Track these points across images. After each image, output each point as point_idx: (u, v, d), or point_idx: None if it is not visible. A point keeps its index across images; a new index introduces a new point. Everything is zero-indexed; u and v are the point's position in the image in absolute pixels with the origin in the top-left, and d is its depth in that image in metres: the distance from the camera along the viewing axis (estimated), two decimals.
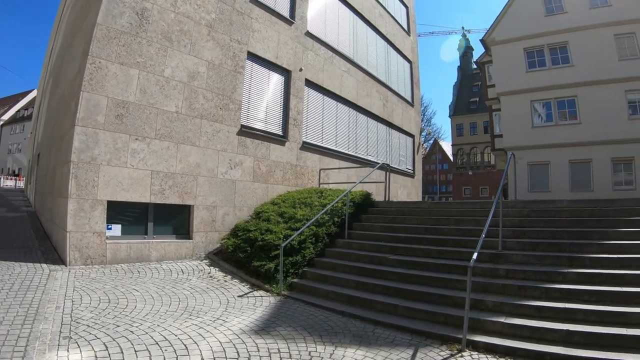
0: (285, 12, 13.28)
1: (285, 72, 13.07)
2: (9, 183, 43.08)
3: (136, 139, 8.75)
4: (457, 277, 6.67)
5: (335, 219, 9.87)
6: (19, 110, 74.48)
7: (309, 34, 14.12)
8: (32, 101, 62.44)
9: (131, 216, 9.01)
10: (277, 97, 12.80)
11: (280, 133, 12.71)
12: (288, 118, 12.89)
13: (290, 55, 13.16)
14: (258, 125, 11.99)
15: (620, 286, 5.73)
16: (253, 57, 11.93)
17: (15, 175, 50.87)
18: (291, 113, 12.98)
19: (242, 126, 11.32)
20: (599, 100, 20.60)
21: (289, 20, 13.27)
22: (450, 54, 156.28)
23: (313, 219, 8.96)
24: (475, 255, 5.36)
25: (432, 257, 7.83)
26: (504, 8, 24.81)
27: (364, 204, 11.34)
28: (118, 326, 5.19)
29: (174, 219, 9.80)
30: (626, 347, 4.71)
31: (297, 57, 13.42)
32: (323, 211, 9.41)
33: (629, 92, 20.35)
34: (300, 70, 13.48)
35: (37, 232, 10.82)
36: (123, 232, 8.76)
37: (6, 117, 76.16)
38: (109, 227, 8.38)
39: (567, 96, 21.95)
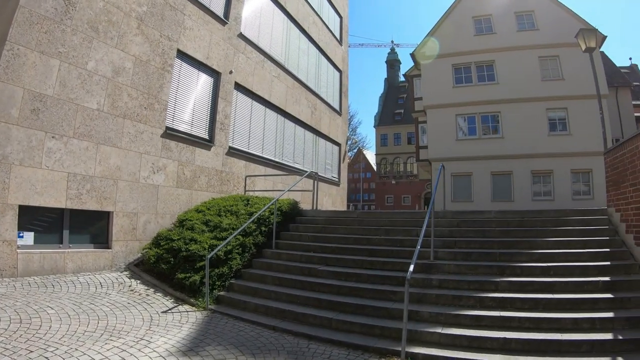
0: (219, 11, 13.14)
1: (215, 74, 12.91)
2: None
3: (53, 137, 8.15)
4: (391, 288, 6.89)
5: (263, 229, 9.85)
6: None
7: (242, 36, 14.06)
8: None
9: (45, 223, 8.34)
10: (205, 99, 12.59)
11: (207, 137, 12.50)
12: (215, 122, 12.71)
13: (221, 57, 13.01)
14: (184, 128, 11.72)
15: (552, 293, 6.20)
16: (183, 55, 11.68)
17: None
18: (218, 117, 12.82)
19: (167, 128, 11.01)
20: (521, 117, 22.56)
21: (223, 20, 13.14)
22: (378, 65, 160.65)
23: (240, 229, 8.92)
24: (411, 268, 5.52)
25: (365, 268, 8.02)
26: (435, 24, 26.46)
27: (291, 213, 11.40)
28: (31, 352, 4.80)
29: (92, 227, 9.27)
30: (562, 352, 5.12)
31: (228, 59, 13.30)
32: (250, 220, 9.37)
33: (550, 110, 22.51)
34: (231, 72, 13.37)
35: None
36: (36, 240, 8.06)
37: None
38: (21, 235, 7.70)
39: (491, 112, 23.87)
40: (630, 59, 73.95)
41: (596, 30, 12.94)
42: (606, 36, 21.45)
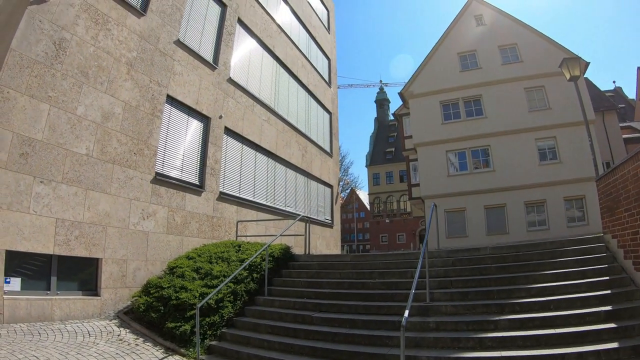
0: (208, 56, 13.50)
1: (205, 119, 13.14)
2: None
3: (41, 181, 8.20)
4: (387, 334, 6.83)
5: (255, 275, 9.82)
6: None
7: (231, 81, 14.40)
8: None
9: (32, 269, 8.28)
10: (195, 144, 12.75)
11: (197, 182, 12.59)
12: (205, 167, 12.82)
13: (210, 102, 13.27)
14: (174, 174, 11.82)
15: (553, 328, 6.13)
16: (172, 101, 11.91)
17: None
18: (209, 162, 12.94)
19: (157, 174, 11.10)
20: (511, 149, 23.09)
21: (212, 66, 13.48)
22: (367, 106, 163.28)
23: (231, 276, 8.85)
24: (407, 313, 5.44)
25: (360, 313, 7.96)
26: (421, 63, 27.44)
27: (284, 258, 11.37)
28: None
29: (80, 273, 9.18)
30: None
31: (217, 104, 13.56)
32: (242, 267, 9.31)
33: (539, 140, 22.99)
34: (220, 117, 13.60)
35: None
36: (23, 286, 7.98)
37: None
38: (7, 280, 7.64)
39: (481, 146, 24.32)
40: (614, 82, 76.12)
41: (579, 59, 13.27)
42: (589, 62, 22.20)
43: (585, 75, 23.64)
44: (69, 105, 8.92)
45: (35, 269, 8.32)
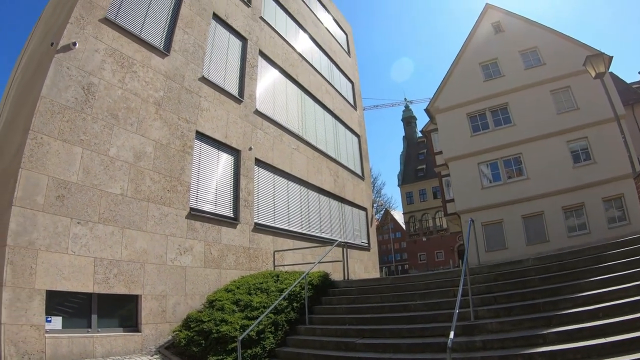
0: (234, 90, 13.71)
1: (235, 152, 13.26)
2: None
3: (78, 222, 8.37)
4: (433, 356, 6.60)
5: (295, 304, 9.68)
6: None
7: (258, 113, 14.57)
8: None
9: (73, 307, 8.38)
10: (227, 177, 12.85)
11: (232, 215, 12.63)
12: (239, 199, 12.88)
13: (239, 135, 13.41)
14: (208, 208, 11.90)
15: (605, 337, 5.76)
16: (202, 136, 12.08)
17: None
18: (242, 194, 13.00)
19: (192, 209, 11.20)
20: (543, 154, 22.43)
21: (238, 99, 13.68)
22: (395, 125, 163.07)
23: (271, 307, 8.81)
24: (452, 333, 5.28)
25: (403, 337, 7.73)
26: (444, 78, 27.22)
27: (323, 286, 11.23)
28: None
29: (120, 310, 9.26)
30: None
31: (246, 136, 13.69)
32: (281, 297, 9.26)
33: (571, 142, 22.32)
34: (250, 149, 13.72)
35: None
36: (64, 325, 8.07)
37: None
38: (49, 319, 7.72)
39: (513, 154, 23.73)
40: None
41: (602, 54, 12.85)
42: (612, 56, 21.39)
43: (610, 70, 23.05)
44: (101, 147, 9.15)
45: (75, 308, 8.41)
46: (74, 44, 9.10)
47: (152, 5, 11.82)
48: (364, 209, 22.53)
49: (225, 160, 12.92)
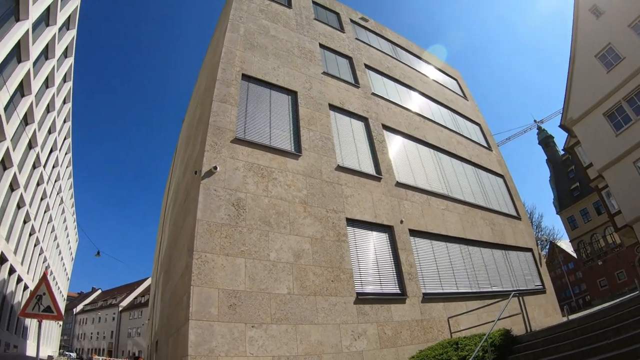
0: (370, 170, 13.80)
1: (387, 228, 13.09)
2: None
3: (252, 326, 8.73)
4: None
5: None
6: (135, 297, 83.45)
7: (399, 184, 14.41)
8: (147, 289, 70.76)
9: None
10: (385, 255, 12.62)
11: (398, 291, 12.25)
12: (402, 273, 12.50)
13: (387, 211, 13.28)
14: (374, 289, 11.68)
15: None
16: (352, 222, 12.13)
17: (136, 358, 52.91)
18: (403, 267, 12.63)
19: (358, 294, 11.05)
20: None
21: (377, 177, 13.69)
22: (533, 151, 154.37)
23: None
24: None
25: None
26: (566, 86, 24.91)
27: (505, 344, 10.16)
28: None
29: None
30: None
31: (394, 210, 13.51)
32: None
33: None
34: (401, 222, 13.45)
35: None
36: None
37: (124, 303, 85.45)
38: None
39: None
40: None
41: None
42: None
43: None
44: (262, 254, 9.61)
45: None
46: (215, 168, 10.03)
47: (273, 116, 12.66)
48: (529, 249, 20.83)
49: (380, 238, 12.75)
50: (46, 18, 26.64)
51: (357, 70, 17.99)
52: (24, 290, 34.13)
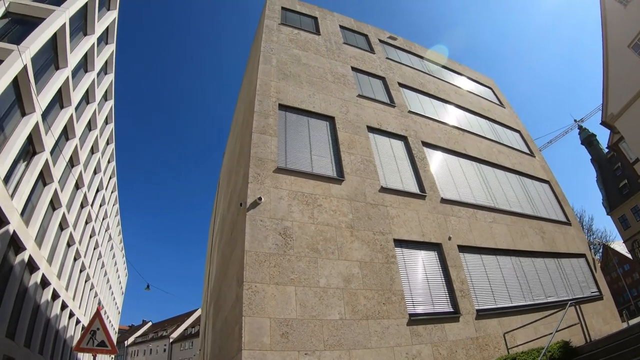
0: (414, 188, 13.79)
1: (436, 246, 12.97)
2: None
3: (305, 353, 8.73)
4: None
5: None
6: (186, 329, 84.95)
7: (444, 201, 14.31)
8: (197, 320, 71.85)
9: None
10: (436, 273, 12.49)
11: (451, 309, 12.06)
12: (454, 291, 12.33)
13: (434, 228, 13.19)
14: (426, 309, 11.53)
15: None
16: (400, 242, 12.08)
17: None
18: (455, 285, 12.46)
19: (410, 315, 10.93)
20: None
21: (421, 195, 13.65)
22: (576, 151, 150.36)
23: None
24: None
25: None
26: (603, 82, 24.25)
27: (565, 357, 9.95)
28: None
29: None
30: None
31: (441, 228, 13.41)
32: None
33: None
34: (449, 239, 13.32)
35: None
36: None
37: (175, 335, 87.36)
38: None
39: None
40: None
41: None
42: None
43: None
44: (311, 281, 9.68)
45: None
46: (260, 198, 10.21)
47: (313, 143, 12.87)
48: (582, 255, 20.20)
49: (429, 257, 12.64)
50: (84, 65, 27.88)
51: (391, 89, 18.14)
52: (76, 324, 35.30)
